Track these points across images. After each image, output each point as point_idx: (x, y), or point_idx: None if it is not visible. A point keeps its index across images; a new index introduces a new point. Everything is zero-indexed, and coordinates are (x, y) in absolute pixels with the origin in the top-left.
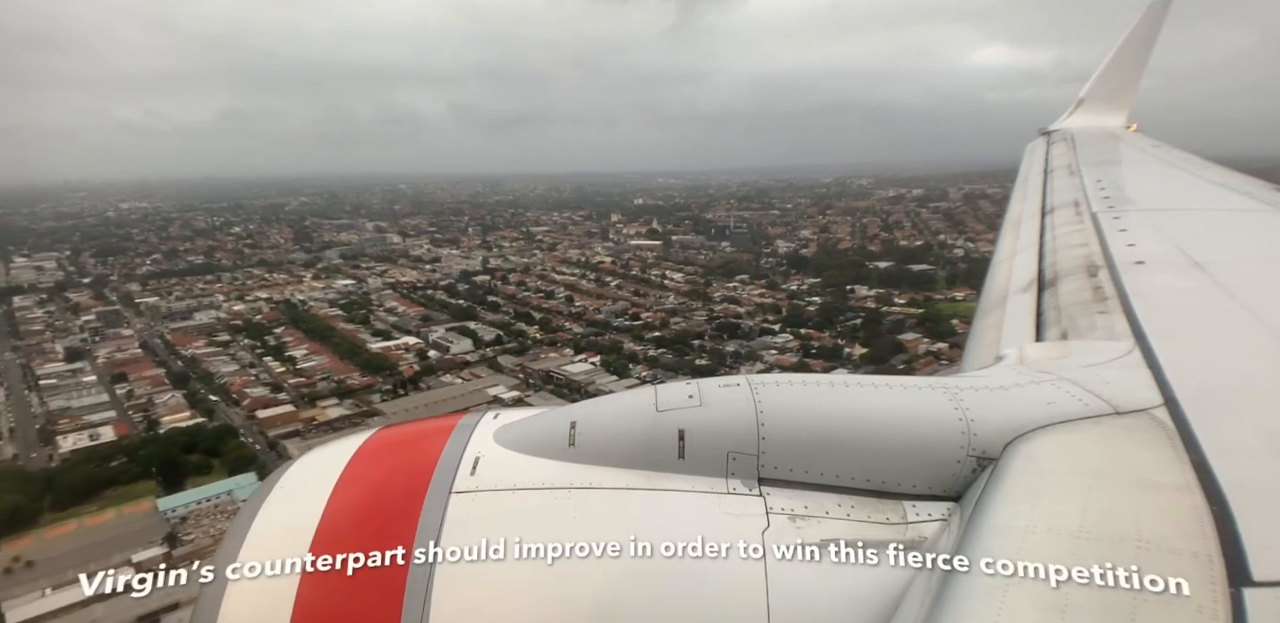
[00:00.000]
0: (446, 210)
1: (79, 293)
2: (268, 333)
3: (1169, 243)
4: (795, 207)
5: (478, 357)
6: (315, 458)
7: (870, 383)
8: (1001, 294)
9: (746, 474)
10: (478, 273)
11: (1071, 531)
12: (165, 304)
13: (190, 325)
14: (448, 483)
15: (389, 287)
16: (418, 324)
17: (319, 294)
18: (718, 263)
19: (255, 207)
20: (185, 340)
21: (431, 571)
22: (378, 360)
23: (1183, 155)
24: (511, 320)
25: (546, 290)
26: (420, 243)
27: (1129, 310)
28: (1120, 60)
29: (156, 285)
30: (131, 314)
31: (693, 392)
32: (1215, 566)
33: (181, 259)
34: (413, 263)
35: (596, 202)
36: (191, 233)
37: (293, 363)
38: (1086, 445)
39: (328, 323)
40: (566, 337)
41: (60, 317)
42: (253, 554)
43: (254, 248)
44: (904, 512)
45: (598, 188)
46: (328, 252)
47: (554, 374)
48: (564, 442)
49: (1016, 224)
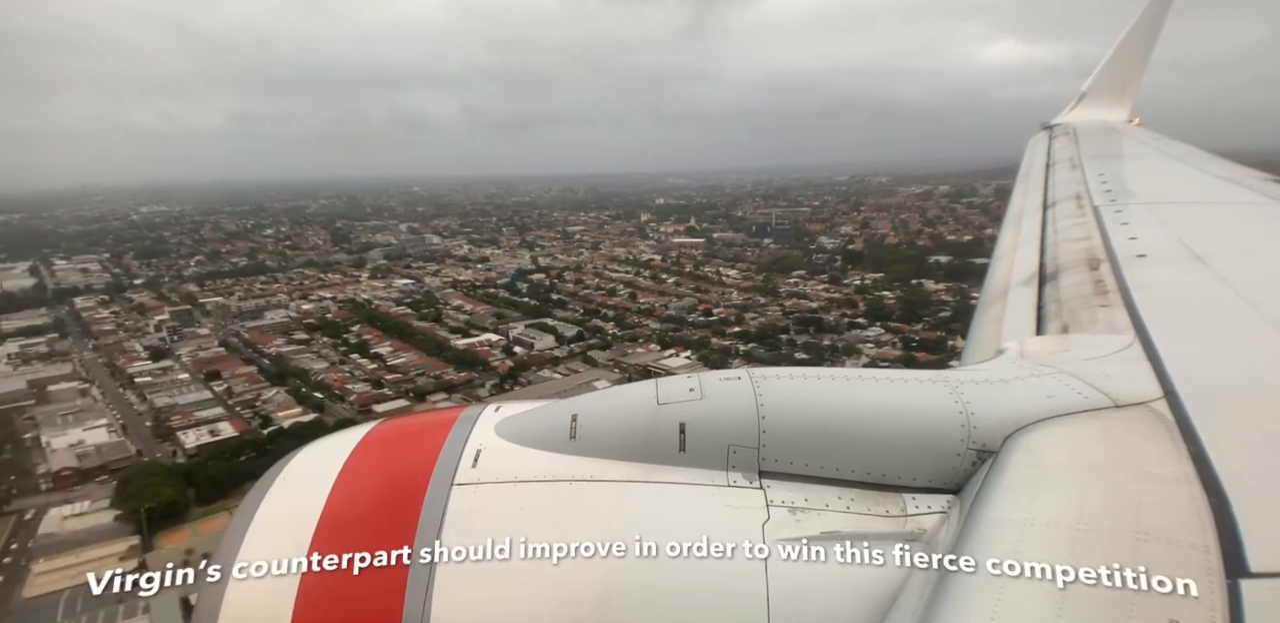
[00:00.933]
0: (472, 212)
1: (138, 293)
2: (345, 331)
3: (1171, 236)
4: (823, 204)
5: (565, 352)
6: (316, 451)
7: (871, 376)
8: (1003, 288)
9: (747, 467)
10: (532, 271)
11: (1070, 523)
12: (234, 304)
13: (265, 324)
14: (449, 475)
15: (450, 285)
16: (494, 321)
17: (382, 293)
18: (769, 259)
19: (276, 209)
20: (264, 339)
21: (433, 563)
22: (467, 356)
23: (1185, 149)
24: (583, 317)
25: (606, 288)
26: (459, 243)
27: (1130, 304)
28: (1123, 54)
29: (214, 286)
30: (198, 313)
31: (694, 385)
32: (1213, 557)
33: (225, 260)
34: (461, 263)
35: (614, 202)
36: (225, 235)
37: (382, 360)
38: (1086, 438)
39: (402, 321)
40: (645, 332)
41: (127, 316)
42: (255, 548)
43: (295, 249)
44: (904, 505)
45: (611, 188)
46: (370, 252)
47: (651, 368)
48: (565, 435)
49: (1018, 218)
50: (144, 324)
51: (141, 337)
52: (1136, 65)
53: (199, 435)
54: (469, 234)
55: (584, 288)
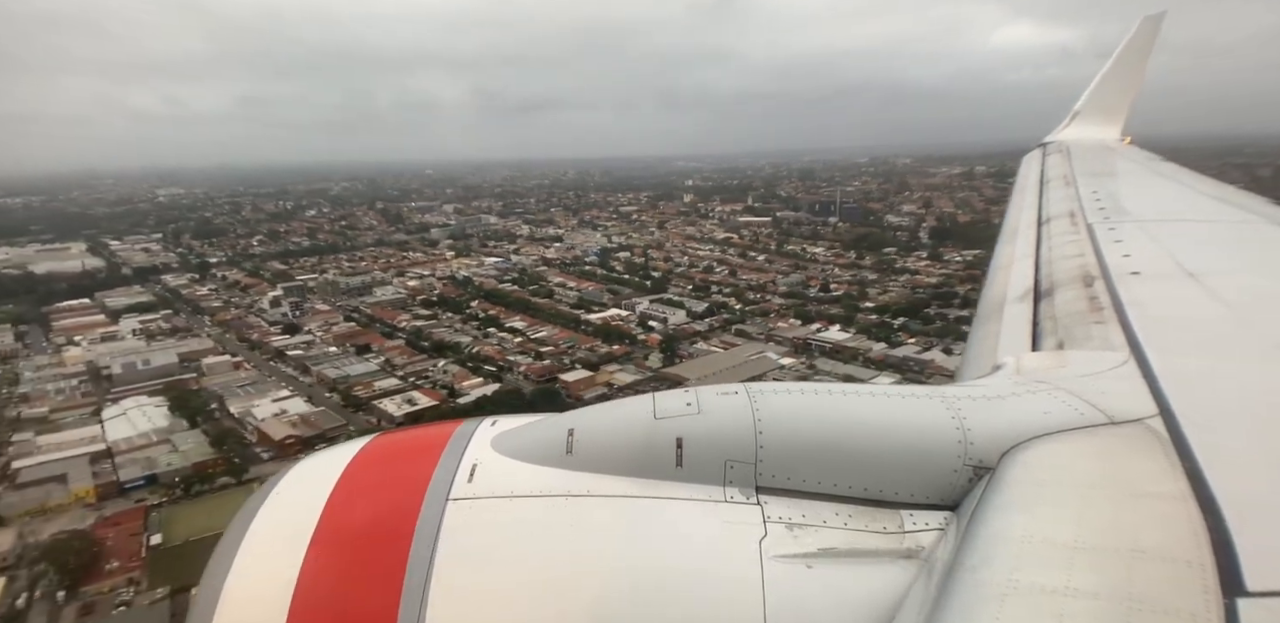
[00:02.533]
0: (504, 193)
1: (223, 271)
2: (465, 306)
3: (1164, 254)
4: (863, 184)
5: (705, 326)
6: (312, 464)
7: (868, 392)
8: (999, 303)
9: (744, 483)
10: (614, 250)
11: (1068, 540)
12: (342, 281)
13: (381, 301)
14: (445, 490)
15: (541, 263)
16: (612, 298)
17: (478, 270)
18: (850, 237)
19: (300, 191)
20: (389, 314)
21: (428, 577)
22: (610, 330)
23: (1175, 168)
24: (695, 293)
25: (700, 265)
26: (517, 224)
27: (1124, 321)
28: (1115, 74)
29: (299, 264)
30: (304, 290)
31: (691, 399)
32: (1209, 575)
33: (286, 240)
34: (538, 242)
35: (635, 184)
36: (267, 216)
37: (523, 334)
38: (1082, 455)
39: (518, 296)
40: (771, 307)
41: (227, 293)
42: (248, 559)
43: (352, 229)
44: (901, 521)
45: (626, 171)
46: (432, 232)
47: (811, 341)
48: (562, 449)
49: (1013, 233)
50: (251, 300)
51: (259, 312)
52: (1128, 86)
53: (399, 405)
54: (521, 215)
55: (677, 265)
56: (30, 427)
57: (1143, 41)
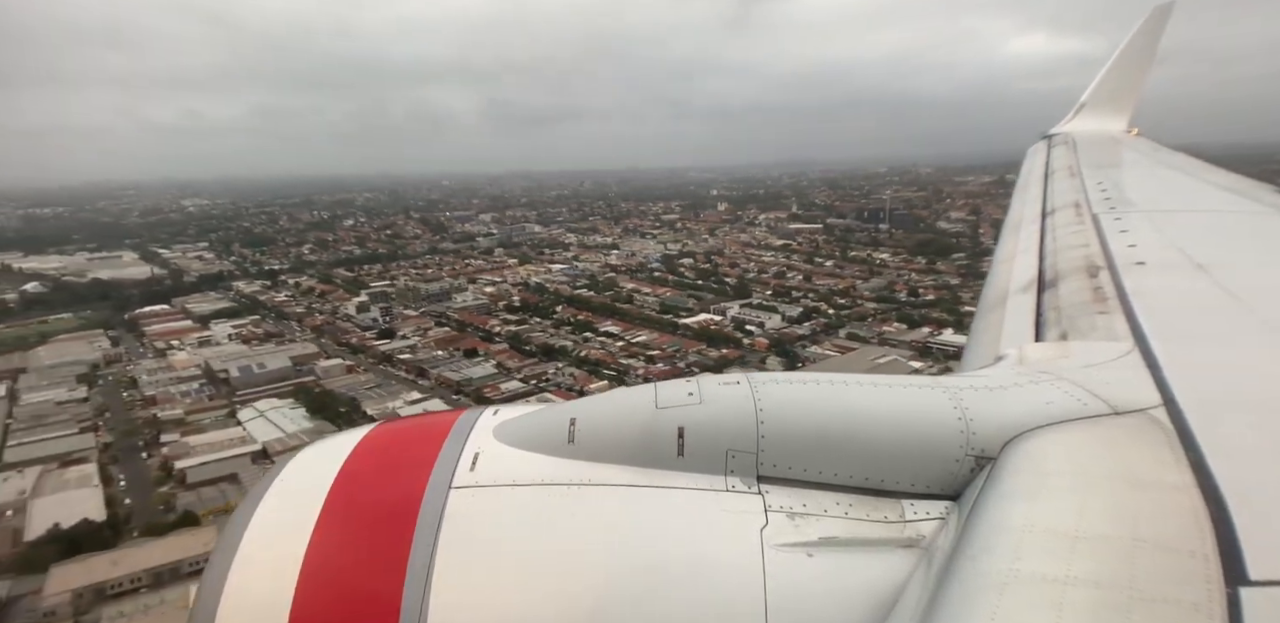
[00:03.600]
0: (535, 203)
1: (292, 278)
2: (550, 311)
3: (1170, 244)
4: (898, 192)
5: (807, 330)
6: (315, 453)
7: (870, 382)
8: (1002, 294)
9: (746, 472)
10: (675, 256)
11: (1070, 530)
12: (422, 286)
13: (467, 306)
14: (447, 478)
15: (609, 270)
16: (702, 303)
17: (549, 277)
18: (911, 243)
19: (325, 202)
20: (478, 319)
21: (430, 565)
22: (712, 334)
23: (1184, 158)
24: (775, 298)
25: (769, 270)
26: (559, 232)
27: (1129, 311)
28: (1122, 65)
29: (366, 271)
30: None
31: (692, 389)
32: (1212, 565)
33: (336, 249)
34: (589, 249)
35: (654, 194)
36: (305, 225)
37: (623, 338)
38: (1085, 445)
39: (602, 302)
40: (868, 311)
41: (303, 299)
42: (251, 548)
43: (399, 238)
44: (903, 510)
45: (640, 182)
46: (480, 240)
47: (930, 344)
48: (564, 438)
49: (1017, 225)
50: (333, 306)
51: (347, 318)
52: (1135, 77)
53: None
54: (561, 223)
55: (746, 271)
56: (171, 428)
57: (1151, 32)
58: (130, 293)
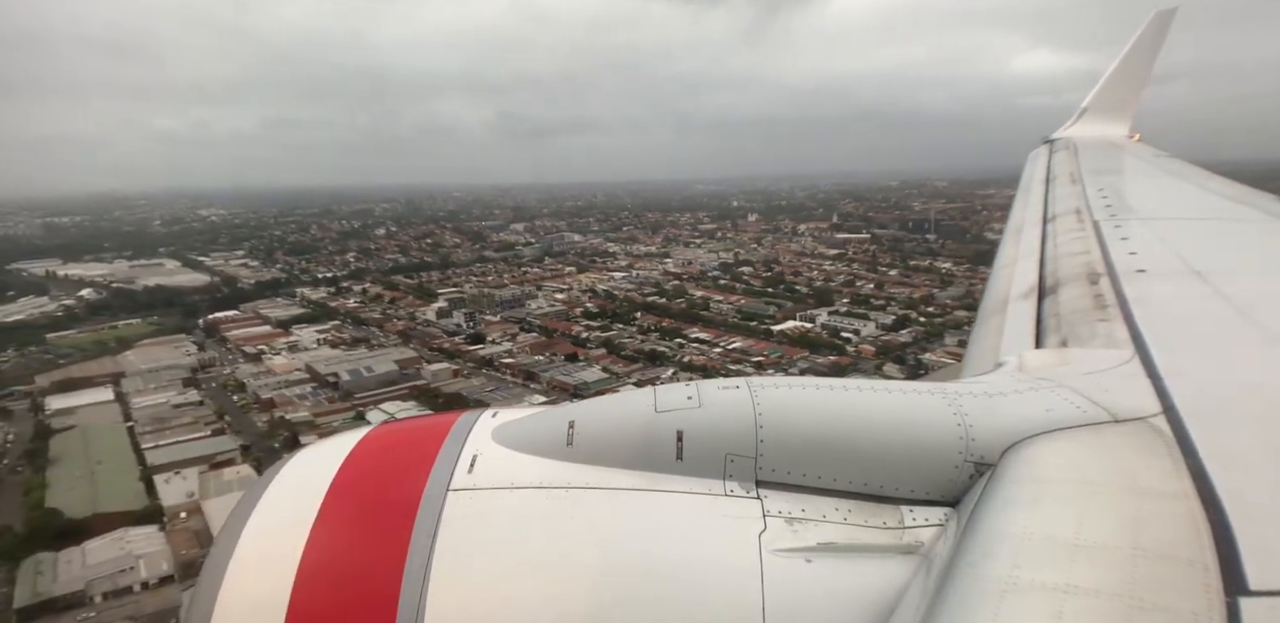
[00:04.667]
0: (558, 213)
1: (355, 285)
2: (630, 318)
3: (1171, 252)
4: (926, 203)
5: (909, 337)
6: (312, 454)
7: (869, 387)
8: (1002, 300)
9: (744, 476)
10: (732, 265)
11: (1069, 538)
12: (495, 293)
13: (547, 312)
14: (445, 480)
15: (672, 277)
16: (780, 310)
17: (614, 284)
18: (970, 252)
19: (344, 212)
20: (561, 325)
21: (427, 567)
22: (811, 340)
23: (1184, 165)
24: (853, 305)
25: (835, 278)
26: (598, 241)
27: (1129, 319)
28: (1123, 70)
29: (423, 278)
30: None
31: (691, 393)
32: (1212, 574)
33: (378, 256)
34: (642, 258)
35: (672, 205)
36: (338, 234)
37: (715, 344)
38: (1085, 453)
39: (679, 308)
40: (962, 319)
41: (373, 305)
42: (248, 549)
43: (439, 246)
44: (901, 517)
45: (653, 194)
46: (523, 249)
47: None
48: (562, 441)
49: (1018, 231)
50: (408, 311)
51: (427, 323)
52: (1136, 82)
53: None
54: (596, 233)
55: (811, 280)
56: (305, 430)
57: (1153, 37)
58: (192, 299)
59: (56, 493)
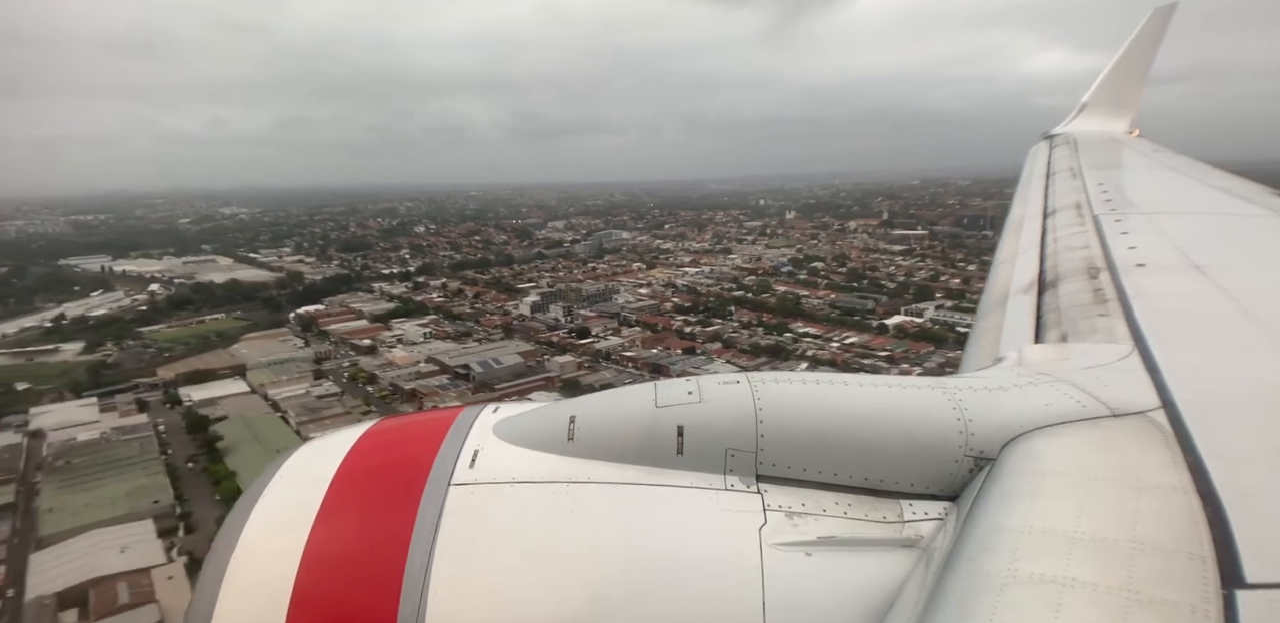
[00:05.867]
0: (588, 211)
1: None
2: (726, 312)
3: (1170, 246)
4: (962, 202)
5: None
6: (315, 448)
7: (869, 382)
8: (1002, 295)
9: (745, 471)
10: (801, 261)
11: (1068, 531)
12: (583, 288)
13: (642, 306)
14: (447, 475)
15: (745, 273)
16: (885, 305)
17: (690, 279)
18: None
19: (369, 211)
20: (660, 319)
21: (429, 561)
22: (937, 335)
23: (1184, 160)
24: (950, 300)
25: (915, 275)
26: (645, 239)
27: (1129, 313)
28: (1123, 66)
29: (498, 273)
30: (518, 297)
31: (692, 388)
32: (1209, 567)
33: (433, 253)
34: (705, 254)
35: (695, 204)
36: (377, 232)
37: (828, 338)
38: (1084, 447)
39: (771, 303)
40: None
41: (458, 300)
42: (250, 544)
43: (488, 244)
44: (901, 510)
45: (671, 194)
46: (567, 246)
47: None
48: (563, 436)
49: (1018, 226)
50: (498, 305)
51: (521, 317)
52: (1137, 78)
53: None
54: (640, 230)
55: (892, 276)
56: None
57: (1153, 33)
58: (267, 294)
59: (247, 481)
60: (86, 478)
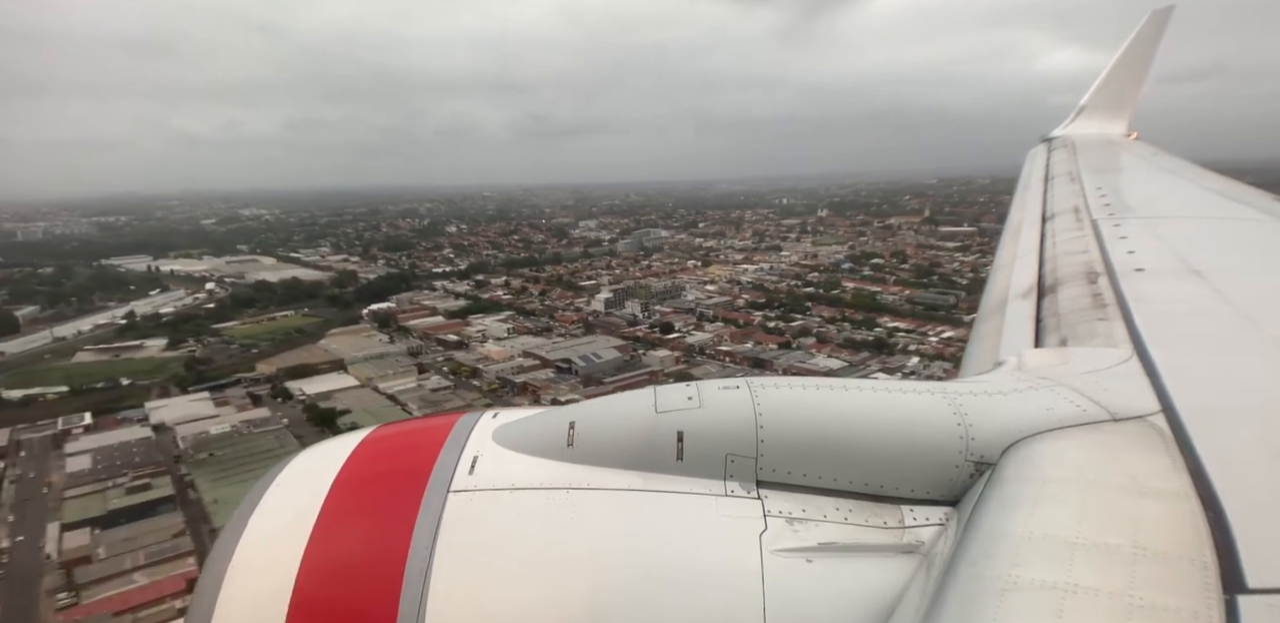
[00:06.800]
0: (617, 211)
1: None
2: (804, 308)
3: (1169, 251)
4: (990, 199)
5: None
6: (313, 455)
7: (869, 387)
8: (1001, 300)
9: (745, 477)
10: (859, 257)
11: (1069, 536)
12: (652, 285)
13: (717, 302)
14: (446, 482)
15: (807, 270)
16: (960, 301)
17: (752, 276)
18: None
19: (390, 212)
20: (733, 315)
21: (428, 569)
22: None
23: (1182, 163)
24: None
25: (979, 270)
26: (683, 237)
27: (1128, 318)
28: (1121, 68)
29: (555, 271)
30: (584, 294)
31: (692, 393)
32: (1210, 572)
33: (476, 252)
34: (748, 252)
35: (708, 203)
36: (410, 233)
37: (924, 333)
38: (1084, 452)
39: (847, 299)
40: None
41: (523, 297)
42: (249, 550)
43: (528, 243)
44: (902, 516)
45: (684, 193)
46: (605, 244)
47: None
48: (563, 442)
49: (1017, 230)
50: (562, 303)
51: (595, 314)
52: (1134, 80)
53: None
54: (677, 229)
55: (959, 271)
56: None
57: (1150, 35)
58: (329, 292)
59: None
60: (235, 470)
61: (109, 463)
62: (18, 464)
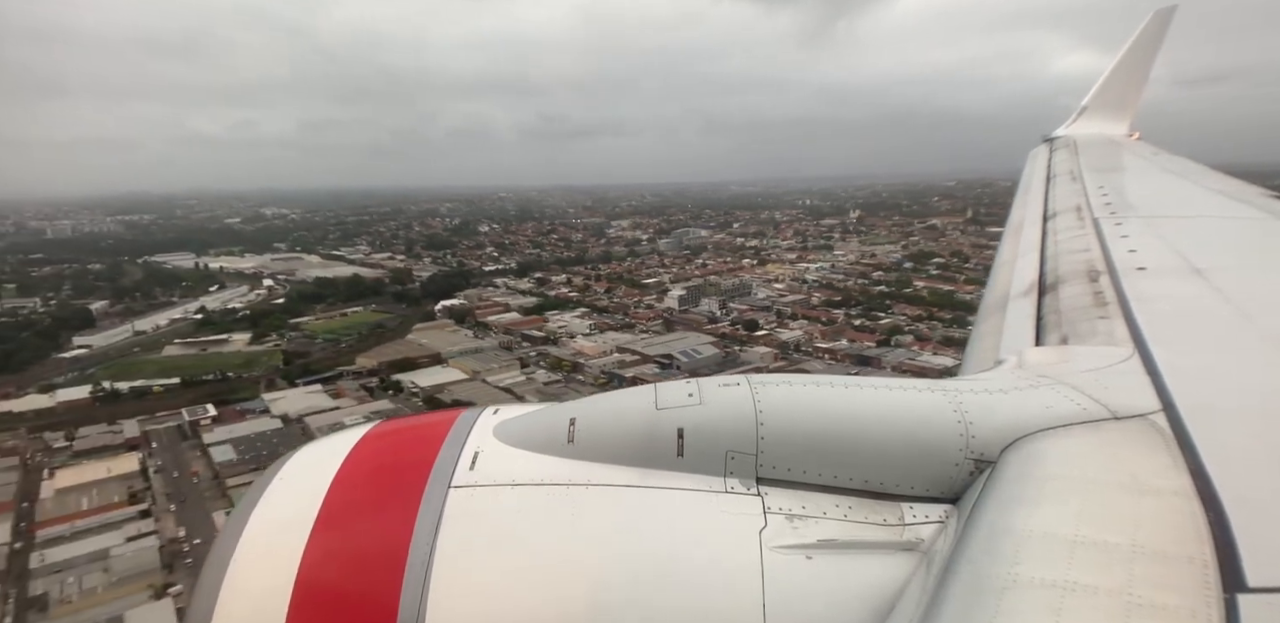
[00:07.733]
0: (641, 212)
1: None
2: (885, 305)
3: (1170, 249)
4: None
5: None
6: (315, 450)
7: (870, 384)
8: (1002, 298)
9: (745, 473)
10: (915, 257)
11: (1069, 534)
12: (721, 283)
13: (792, 301)
14: (447, 477)
15: (872, 268)
16: None
17: (814, 275)
18: None
19: (413, 211)
20: (817, 313)
21: (429, 564)
22: None
23: (1183, 163)
24: None
25: None
26: (722, 237)
27: (1129, 316)
28: (1123, 69)
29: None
30: (649, 291)
31: (693, 390)
32: (1210, 571)
33: (519, 251)
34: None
35: (724, 204)
36: (445, 231)
37: None
38: (1084, 450)
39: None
40: None
41: (588, 294)
42: (250, 545)
43: (568, 242)
44: (902, 513)
45: (697, 194)
46: (661, 243)
47: None
48: (563, 438)
49: (1018, 229)
50: (630, 300)
51: (669, 311)
52: (1136, 80)
53: None
54: (714, 228)
55: None
56: None
57: (1153, 35)
58: (392, 289)
59: None
60: None
61: (254, 453)
62: (154, 455)
